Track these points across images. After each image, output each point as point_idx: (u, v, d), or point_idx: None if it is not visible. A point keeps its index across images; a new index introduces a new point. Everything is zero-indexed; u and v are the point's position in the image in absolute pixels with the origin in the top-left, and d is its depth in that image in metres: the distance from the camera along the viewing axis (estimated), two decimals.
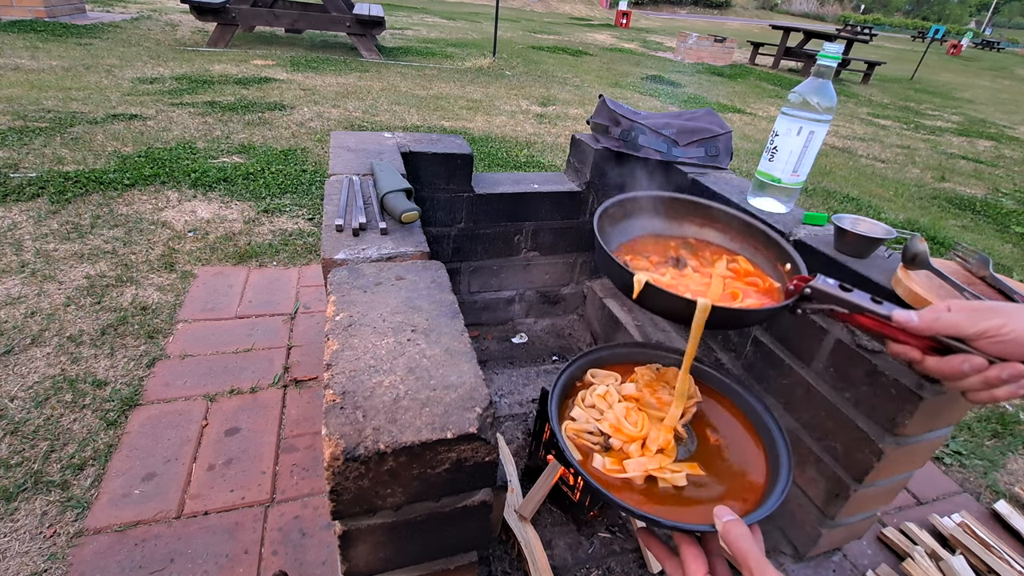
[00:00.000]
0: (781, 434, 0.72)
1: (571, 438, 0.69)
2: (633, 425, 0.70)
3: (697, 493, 0.65)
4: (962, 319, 0.50)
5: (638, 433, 0.69)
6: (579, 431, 0.70)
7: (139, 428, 1.29)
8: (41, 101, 3.36)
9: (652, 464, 0.66)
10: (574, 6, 21.92)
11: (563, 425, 0.70)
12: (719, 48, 9.46)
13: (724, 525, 0.52)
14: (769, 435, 0.73)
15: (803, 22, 26.52)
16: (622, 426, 0.70)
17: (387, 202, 0.95)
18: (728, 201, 1.19)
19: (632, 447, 0.68)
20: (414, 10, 12.18)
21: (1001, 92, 11.33)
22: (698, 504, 0.63)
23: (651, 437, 0.70)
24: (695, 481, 0.66)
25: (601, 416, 0.71)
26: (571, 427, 0.70)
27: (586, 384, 0.78)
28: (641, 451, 0.68)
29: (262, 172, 2.72)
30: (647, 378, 0.80)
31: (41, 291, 1.70)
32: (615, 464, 0.66)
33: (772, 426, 0.73)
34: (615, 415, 0.71)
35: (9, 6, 5.60)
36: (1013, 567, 1.11)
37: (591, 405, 0.73)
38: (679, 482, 0.65)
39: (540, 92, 5.46)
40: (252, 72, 4.79)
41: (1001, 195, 4.11)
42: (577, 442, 0.69)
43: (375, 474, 0.53)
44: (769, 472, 0.68)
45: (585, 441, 0.69)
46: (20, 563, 0.99)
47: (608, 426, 0.70)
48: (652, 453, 0.68)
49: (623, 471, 0.65)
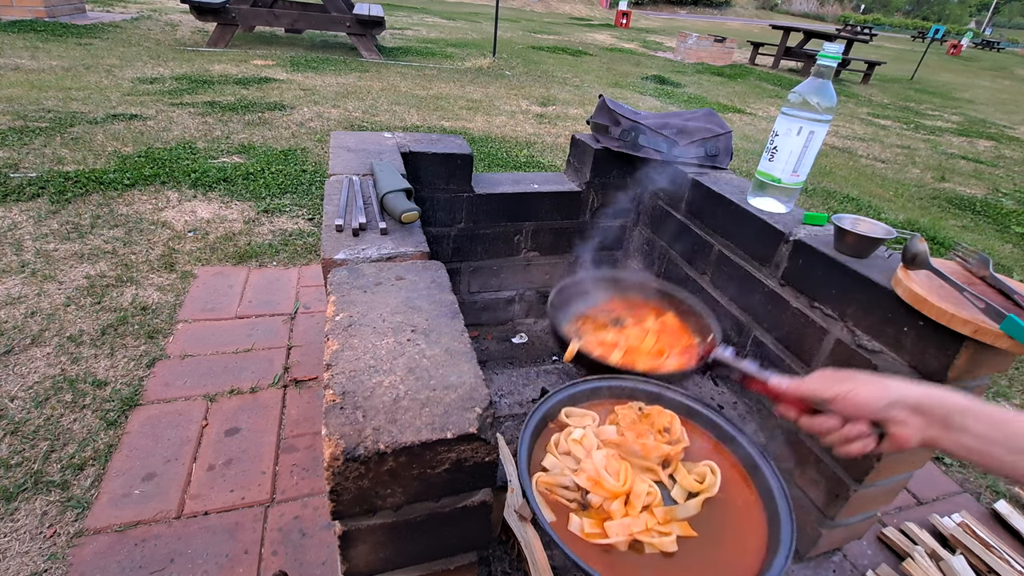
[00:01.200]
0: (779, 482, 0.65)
1: (543, 493, 0.61)
2: (615, 477, 0.61)
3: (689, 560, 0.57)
4: (819, 385, 0.60)
5: (620, 488, 0.61)
6: (552, 485, 0.61)
7: (139, 428, 1.29)
8: (41, 101, 3.36)
9: (637, 526, 0.58)
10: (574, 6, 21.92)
11: (534, 478, 0.61)
12: (719, 48, 9.46)
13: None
14: (764, 483, 0.65)
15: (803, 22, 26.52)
16: (602, 479, 0.61)
17: (387, 202, 0.95)
18: (728, 202, 1.19)
19: (614, 505, 0.60)
20: (414, 10, 12.18)
21: (1001, 92, 11.32)
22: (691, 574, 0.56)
23: (635, 492, 0.61)
24: (686, 544, 0.59)
25: (578, 466, 0.62)
26: (543, 480, 0.62)
27: (560, 425, 0.70)
28: (624, 509, 0.59)
29: (262, 172, 2.72)
30: (629, 419, 0.71)
31: (41, 291, 1.70)
32: (595, 526, 0.58)
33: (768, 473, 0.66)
34: (594, 466, 0.62)
35: (9, 6, 5.60)
36: (1013, 567, 1.11)
37: (566, 452, 0.65)
38: (669, 548, 0.57)
39: (540, 92, 5.46)
40: (252, 72, 4.79)
41: (1001, 195, 4.11)
42: (550, 498, 0.60)
43: (375, 474, 0.53)
44: (769, 531, 0.61)
45: (559, 497, 0.61)
46: (20, 563, 0.99)
47: (586, 479, 0.61)
48: (636, 512, 0.59)
49: (604, 535, 0.57)
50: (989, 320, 0.68)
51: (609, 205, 1.56)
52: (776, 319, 1.08)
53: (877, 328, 0.87)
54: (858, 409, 0.57)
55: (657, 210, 1.49)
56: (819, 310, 0.98)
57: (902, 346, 0.83)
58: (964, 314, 0.69)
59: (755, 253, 1.13)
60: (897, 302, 0.80)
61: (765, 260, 1.10)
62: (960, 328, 0.70)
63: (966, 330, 0.70)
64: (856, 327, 0.90)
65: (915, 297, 0.75)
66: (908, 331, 0.81)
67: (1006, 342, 0.67)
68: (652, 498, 0.61)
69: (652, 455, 0.66)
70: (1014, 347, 0.67)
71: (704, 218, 1.29)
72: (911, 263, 0.79)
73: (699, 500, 0.62)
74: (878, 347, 0.87)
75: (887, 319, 0.84)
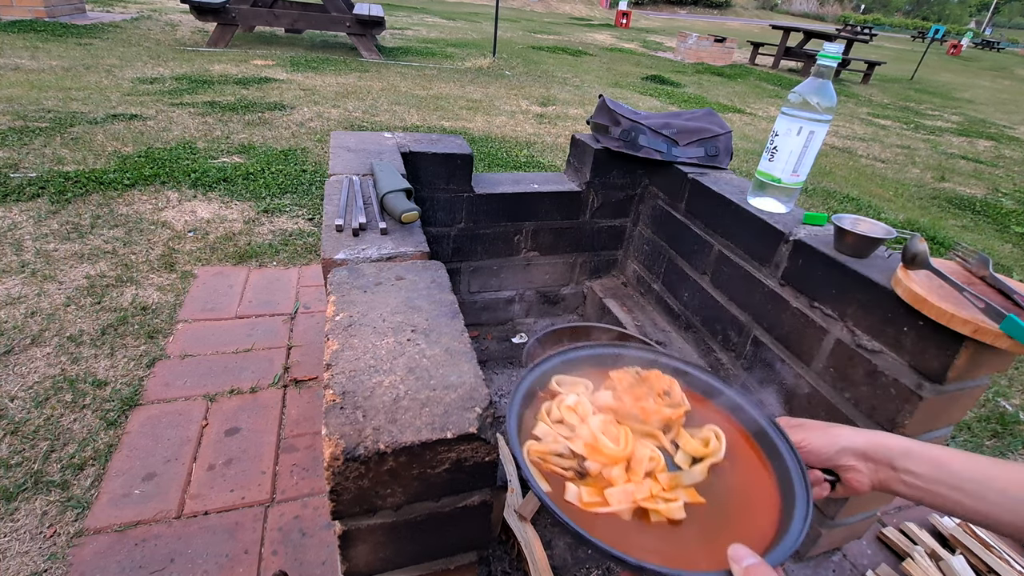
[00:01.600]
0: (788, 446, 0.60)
1: (536, 463, 0.56)
2: (614, 442, 0.57)
3: (699, 528, 0.52)
4: None
5: (621, 452, 0.56)
6: (545, 453, 0.56)
7: (139, 428, 1.29)
8: (41, 101, 3.36)
9: (641, 492, 0.53)
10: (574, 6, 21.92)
11: (525, 446, 0.57)
12: (719, 48, 9.46)
13: (746, 571, 0.42)
14: (772, 448, 0.61)
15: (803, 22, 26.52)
16: (600, 444, 0.56)
17: (387, 202, 0.95)
18: (728, 202, 1.19)
19: (615, 471, 0.55)
20: (414, 10, 12.17)
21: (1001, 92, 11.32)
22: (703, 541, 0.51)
23: (637, 457, 0.56)
24: (694, 511, 0.54)
25: (572, 433, 0.58)
26: (535, 449, 0.57)
27: (551, 394, 0.65)
28: (626, 476, 0.55)
29: (262, 172, 2.72)
30: (626, 383, 0.66)
31: (41, 291, 1.70)
32: (595, 495, 0.53)
33: (776, 438, 0.62)
34: (590, 431, 0.57)
35: (9, 6, 5.60)
36: (1013, 567, 1.11)
37: (559, 420, 0.60)
38: (676, 515, 0.52)
39: (540, 92, 5.46)
40: (252, 72, 4.79)
41: (1001, 195, 4.11)
42: (544, 468, 0.55)
43: (375, 474, 0.53)
44: (781, 494, 0.57)
45: (554, 466, 0.55)
46: (20, 563, 0.99)
47: (582, 445, 0.56)
48: (640, 478, 0.55)
49: (605, 504, 0.52)
50: (989, 320, 0.68)
51: (609, 205, 1.56)
52: (776, 319, 1.08)
53: (877, 328, 0.87)
54: (810, 457, 0.59)
55: (657, 210, 1.49)
56: (819, 310, 0.98)
57: (902, 346, 0.83)
58: (964, 314, 0.69)
59: (755, 253, 1.13)
60: (897, 302, 0.80)
61: (765, 260, 1.10)
62: (960, 328, 0.70)
63: (966, 330, 0.70)
64: (856, 327, 0.90)
65: (915, 297, 0.75)
66: (908, 331, 0.81)
67: (1006, 342, 0.67)
68: (655, 463, 0.56)
69: (653, 419, 0.60)
70: (1014, 347, 0.67)
71: (704, 218, 1.30)
72: (911, 263, 0.79)
73: (705, 465, 0.58)
74: (878, 347, 0.87)
75: (887, 319, 0.84)
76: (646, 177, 1.52)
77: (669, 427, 0.62)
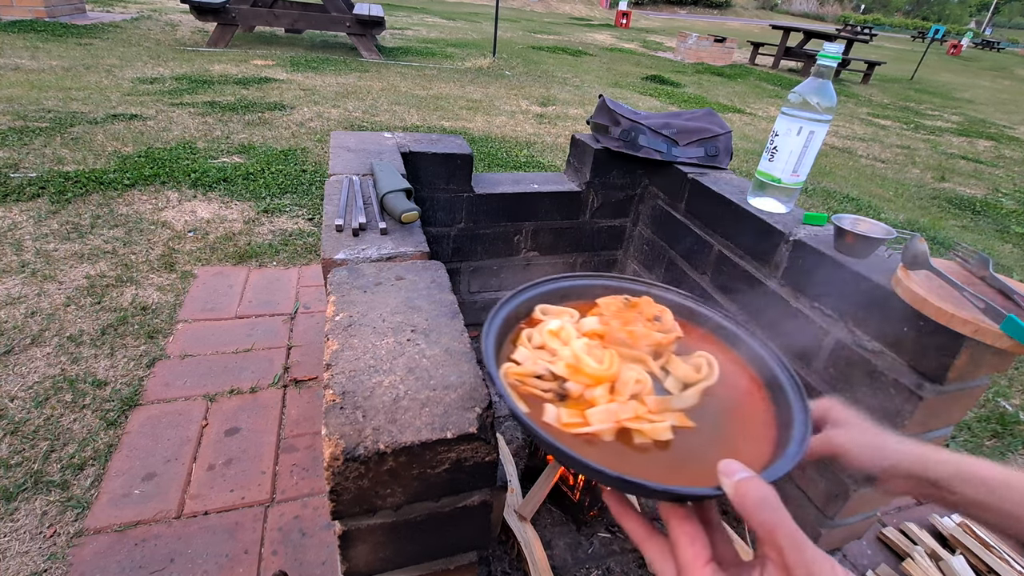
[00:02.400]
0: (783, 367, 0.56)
1: (513, 385, 0.52)
2: (598, 363, 0.53)
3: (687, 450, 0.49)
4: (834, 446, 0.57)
5: (604, 372, 0.52)
6: (523, 375, 0.52)
7: (139, 428, 1.29)
8: (41, 101, 3.36)
9: (626, 412, 0.49)
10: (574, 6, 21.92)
11: (502, 368, 0.53)
12: (719, 48, 9.46)
13: (737, 485, 0.37)
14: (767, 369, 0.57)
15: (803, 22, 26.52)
16: (582, 364, 0.52)
17: (387, 202, 0.95)
18: (728, 202, 1.19)
19: (598, 391, 0.51)
20: (414, 10, 12.18)
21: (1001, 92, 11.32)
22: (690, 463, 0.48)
23: (622, 379, 0.52)
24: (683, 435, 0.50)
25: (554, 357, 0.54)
26: (513, 372, 0.53)
27: (533, 323, 0.61)
28: (610, 397, 0.51)
29: (262, 172, 2.72)
30: (614, 309, 0.61)
31: (41, 291, 1.70)
32: (575, 416, 0.49)
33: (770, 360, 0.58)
34: (573, 351, 0.53)
35: (9, 6, 5.60)
36: (1013, 567, 1.11)
37: (540, 346, 0.56)
38: (663, 435, 0.48)
39: (540, 92, 5.46)
40: (252, 72, 4.79)
41: (1001, 195, 4.11)
42: (522, 390, 0.51)
43: (375, 474, 0.53)
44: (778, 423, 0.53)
45: (532, 389, 0.51)
46: (20, 563, 0.99)
47: (563, 366, 0.52)
48: (624, 399, 0.51)
49: (586, 424, 0.49)
50: (989, 320, 0.68)
51: (609, 205, 1.56)
52: (776, 319, 1.08)
53: (877, 328, 0.87)
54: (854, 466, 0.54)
55: (657, 210, 1.49)
56: (819, 310, 0.98)
57: (902, 346, 0.83)
58: (964, 314, 0.69)
59: (755, 253, 1.13)
60: (897, 302, 0.80)
61: (765, 260, 1.10)
62: (960, 328, 0.70)
63: (966, 330, 0.70)
64: (856, 327, 0.90)
65: (915, 297, 0.75)
66: (908, 331, 0.81)
67: (1006, 342, 0.67)
68: (642, 386, 0.52)
69: (641, 343, 0.56)
70: (1014, 347, 0.67)
71: (704, 218, 1.29)
72: (911, 263, 0.79)
73: (697, 389, 0.54)
74: (878, 347, 0.87)
75: (887, 319, 0.84)
76: (646, 177, 1.52)
77: (659, 353, 0.58)
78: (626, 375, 0.53)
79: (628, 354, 0.56)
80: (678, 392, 0.54)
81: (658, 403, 0.52)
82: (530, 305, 0.62)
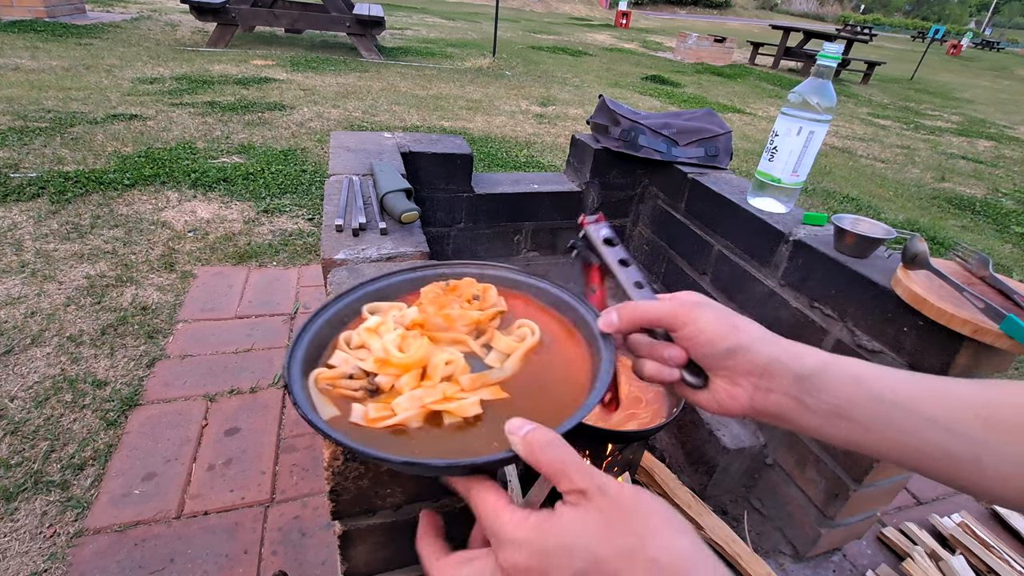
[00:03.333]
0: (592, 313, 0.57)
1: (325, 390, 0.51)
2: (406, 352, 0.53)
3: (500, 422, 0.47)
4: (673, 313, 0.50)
5: (409, 359, 0.52)
6: (334, 378, 0.51)
7: (139, 428, 1.29)
8: (41, 101, 3.36)
9: (432, 395, 0.49)
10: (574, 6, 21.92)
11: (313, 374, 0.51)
12: (719, 48, 9.46)
13: (524, 438, 0.37)
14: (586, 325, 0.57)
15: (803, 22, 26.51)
16: (388, 355, 0.52)
17: (387, 202, 0.95)
18: (728, 202, 1.19)
19: (404, 380, 0.51)
20: (414, 10, 12.18)
21: (1001, 92, 11.33)
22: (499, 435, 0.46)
23: (432, 364, 0.52)
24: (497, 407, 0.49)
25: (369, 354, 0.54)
26: (324, 376, 0.51)
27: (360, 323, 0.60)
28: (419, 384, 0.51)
29: (262, 172, 2.72)
30: (432, 295, 0.61)
31: (41, 291, 1.70)
32: (383, 409, 0.48)
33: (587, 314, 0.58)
34: (382, 344, 0.53)
35: (9, 6, 5.60)
36: (1013, 567, 1.11)
37: (360, 345, 0.55)
38: (470, 411, 0.48)
39: (540, 92, 5.46)
40: (252, 72, 4.79)
41: (1001, 195, 4.11)
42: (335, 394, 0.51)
43: (375, 474, 0.53)
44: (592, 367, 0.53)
45: (344, 390, 0.51)
46: (20, 563, 0.99)
47: (373, 362, 0.52)
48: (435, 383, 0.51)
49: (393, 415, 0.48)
50: (989, 320, 0.68)
51: (609, 205, 1.56)
52: (776, 319, 1.08)
53: (877, 328, 0.87)
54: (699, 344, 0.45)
55: (657, 210, 1.49)
56: (819, 310, 0.98)
57: (902, 346, 0.83)
58: (964, 314, 0.70)
59: (755, 253, 1.13)
60: (897, 302, 0.80)
61: (765, 260, 1.10)
62: (960, 328, 0.70)
63: (966, 330, 0.70)
64: (856, 327, 0.90)
65: (915, 297, 0.75)
66: (908, 331, 0.81)
67: (1006, 342, 0.67)
68: (454, 366, 0.52)
69: (457, 324, 0.56)
70: (1014, 347, 0.67)
71: (704, 218, 1.30)
72: (911, 263, 0.79)
73: (516, 357, 0.54)
74: (878, 347, 0.87)
75: (887, 319, 0.84)
76: (646, 177, 1.52)
77: (482, 331, 0.58)
78: (436, 359, 0.52)
79: (446, 337, 0.56)
80: (499, 365, 0.54)
81: (473, 380, 0.51)
82: (356, 307, 0.61)
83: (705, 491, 1.15)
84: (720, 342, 0.43)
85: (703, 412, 1.11)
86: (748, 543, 1.07)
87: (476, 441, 0.47)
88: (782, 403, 0.41)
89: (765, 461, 1.12)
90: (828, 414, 0.40)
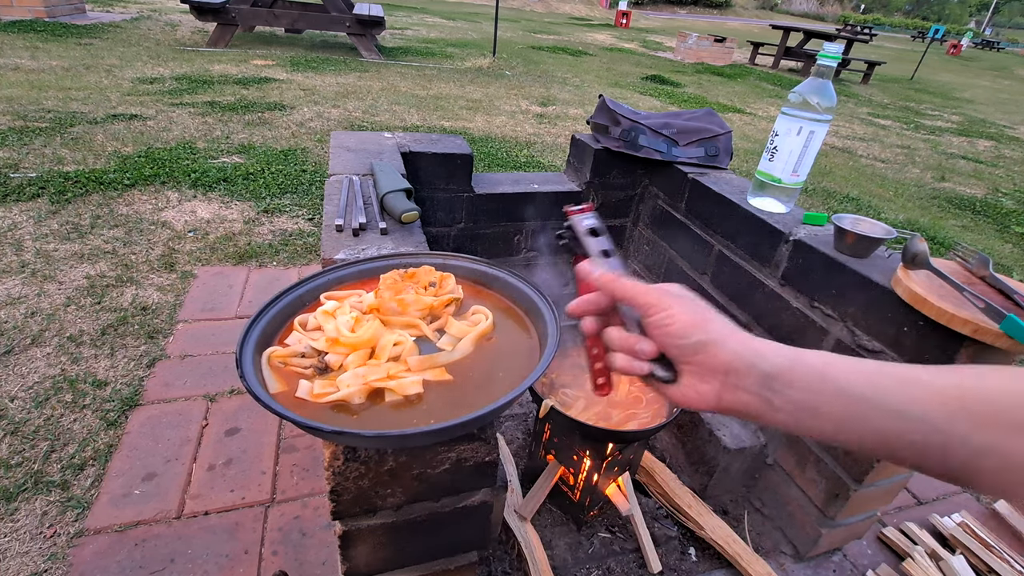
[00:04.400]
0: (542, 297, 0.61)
1: (277, 368, 0.53)
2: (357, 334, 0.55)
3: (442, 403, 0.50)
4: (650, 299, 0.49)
5: (357, 339, 0.54)
6: (286, 356, 0.54)
7: (139, 428, 1.29)
8: (41, 101, 3.36)
9: (376, 374, 0.51)
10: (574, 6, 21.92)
11: (266, 353, 0.54)
12: (719, 48, 9.46)
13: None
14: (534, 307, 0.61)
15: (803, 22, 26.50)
16: (340, 335, 0.54)
17: (387, 202, 0.95)
18: (728, 202, 1.19)
19: (351, 358, 0.53)
20: (414, 10, 12.17)
21: (1001, 92, 11.32)
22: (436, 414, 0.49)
23: (381, 344, 0.54)
24: (439, 388, 0.52)
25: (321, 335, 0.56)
26: (277, 354, 0.54)
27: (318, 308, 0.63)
28: (364, 362, 0.53)
29: (262, 172, 2.72)
30: (389, 282, 0.63)
31: (41, 291, 1.70)
32: (328, 386, 0.50)
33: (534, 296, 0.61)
34: (334, 325, 0.55)
35: (9, 6, 5.60)
36: (1013, 567, 1.11)
37: (316, 328, 0.57)
38: (411, 390, 0.50)
39: (540, 92, 5.46)
40: (252, 72, 4.79)
41: (1001, 195, 4.11)
42: (286, 371, 0.53)
43: (375, 474, 0.53)
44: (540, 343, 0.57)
45: (295, 367, 0.53)
46: (20, 563, 0.99)
47: (324, 341, 0.54)
48: (381, 363, 0.53)
49: (337, 391, 0.50)
50: (989, 320, 0.68)
51: (609, 205, 1.56)
52: (776, 319, 1.08)
53: (877, 328, 0.87)
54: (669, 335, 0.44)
55: (657, 210, 1.49)
56: (819, 310, 0.98)
57: (902, 346, 0.83)
58: (964, 314, 0.70)
59: (755, 253, 1.13)
60: (897, 302, 0.80)
61: (765, 260, 1.10)
62: (960, 328, 0.70)
63: (966, 330, 0.70)
64: (856, 327, 0.90)
65: (915, 297, 0.75)
66: (908, 331, 0.81)
67: (1006, 342, 0.67)
68: (401, 347, 0.54)
69: (411, 308, 0.59)
70: (1014, 347, 0.67)
71: (704, 218, 1.29)
72: (911, 263, 0.79)
73: (468, 340, 0.57)
74: (878, 347, 0.87)
75: (887, 319, 0.84)
76: (646, 177, 1.52)
77: (436, 316, 0.61)
78: (384, 340, 0.55)
79: (399, 321, 0.59)
80: (451, 348, 0.57)
81: (421, 362, 0.54)
82: (315, 293, 0.64)
83: (705, 491, 1.15)
84: (691, 334, 0.43)
85: (703, 412, 1.11)
86: (748, 543, 1.07)
87: (414, 418, 0.49)
88: (749, 401, 0.41)
89: (765, 461, 1.12)
90: (795, 411, 0.39)
